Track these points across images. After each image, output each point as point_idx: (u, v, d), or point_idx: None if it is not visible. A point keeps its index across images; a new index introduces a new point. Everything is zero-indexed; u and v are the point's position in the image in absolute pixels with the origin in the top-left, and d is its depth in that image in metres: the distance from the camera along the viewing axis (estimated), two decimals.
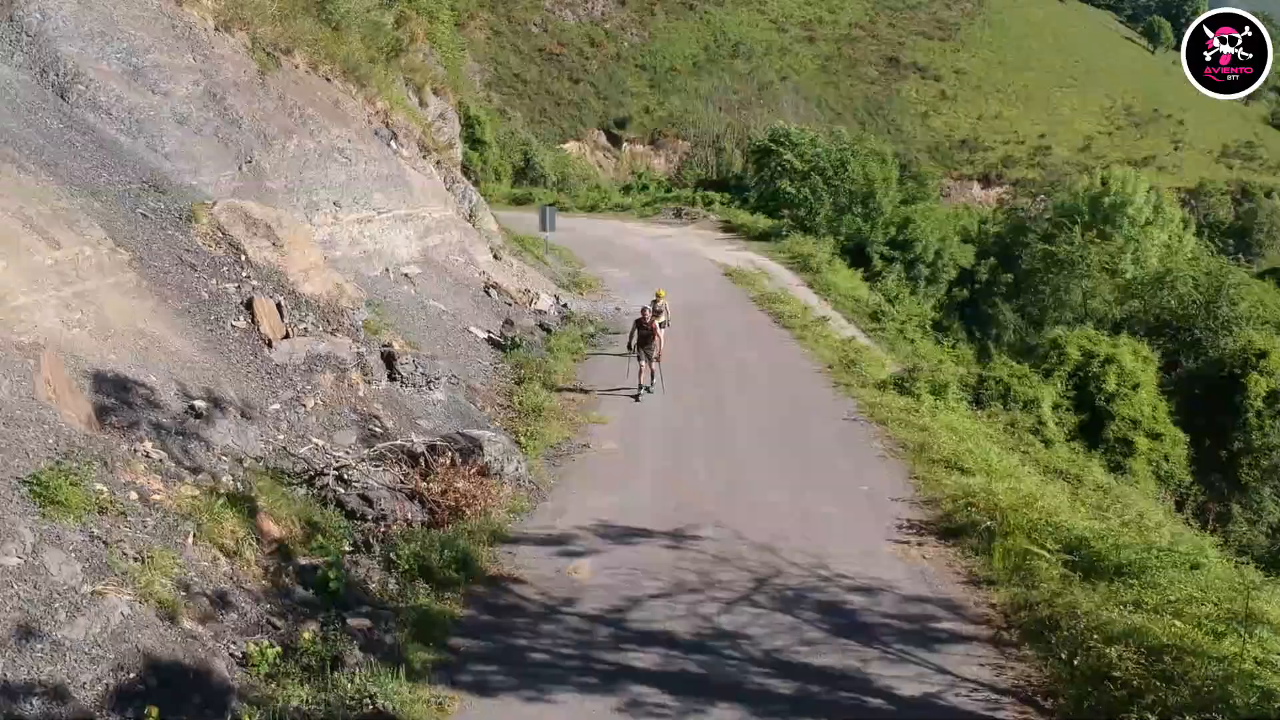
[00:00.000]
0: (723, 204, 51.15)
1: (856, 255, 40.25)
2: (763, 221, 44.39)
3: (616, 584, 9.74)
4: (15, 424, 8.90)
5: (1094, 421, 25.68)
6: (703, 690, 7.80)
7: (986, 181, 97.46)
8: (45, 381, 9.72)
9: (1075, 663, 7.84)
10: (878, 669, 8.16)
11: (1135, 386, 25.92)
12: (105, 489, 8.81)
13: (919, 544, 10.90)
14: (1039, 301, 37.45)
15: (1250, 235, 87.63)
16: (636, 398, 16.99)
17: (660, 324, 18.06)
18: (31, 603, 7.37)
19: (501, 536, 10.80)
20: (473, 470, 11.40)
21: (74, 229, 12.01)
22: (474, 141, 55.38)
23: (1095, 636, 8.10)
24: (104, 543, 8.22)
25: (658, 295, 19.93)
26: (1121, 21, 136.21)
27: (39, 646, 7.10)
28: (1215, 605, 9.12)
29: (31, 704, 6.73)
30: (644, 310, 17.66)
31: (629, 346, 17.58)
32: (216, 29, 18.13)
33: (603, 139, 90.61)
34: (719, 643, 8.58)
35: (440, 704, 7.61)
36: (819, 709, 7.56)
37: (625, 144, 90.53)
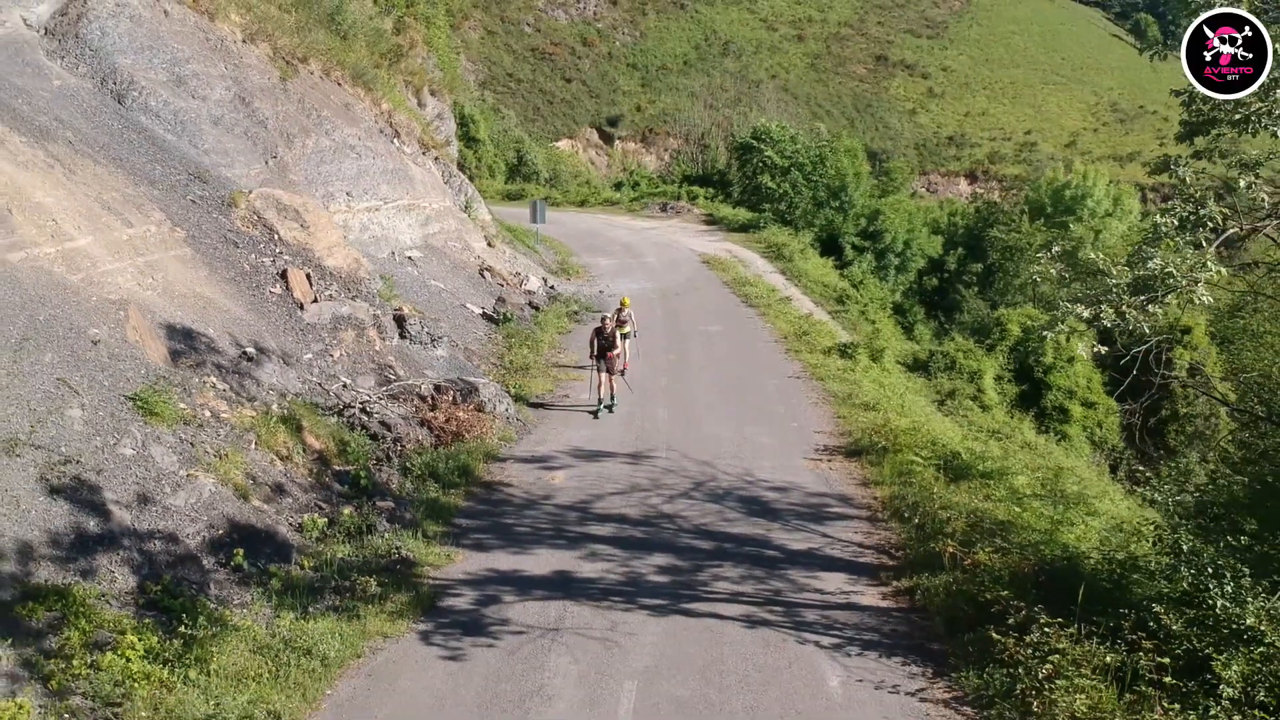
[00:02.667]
0: (707, 198, 53.53)
1: (830, 245, 42.85)
2: (743, 215, 46.84)
3: (584, 486, 12.40)
4: (116, 358, 11.49)
5: (1033, 391, 28.40)
6: (644, 547, 10.48)
7: (973, 177, 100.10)
8: (132, 329, 12.32)
9: (921, 525, 10.47)
10: (778, 535, 10.84)
11: (1070, 360, 28.61)
12: (186, 407, 11.43)
13: (829, 460, 13.56)
14: (998, 286, 40.16)
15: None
16: (595, 414, 15.78)
17: (624, 335, 17.28)
18: (145, 480, 9.99)
19: (494, 456, 13.44)
20: (470, 406, 14.03)
21: (140, 211, 14.59)
22: (469, 139, 57.78)
23: (942, 511, 10.74)
24: (190, 443, 10.84)
25: (622, 304, 18.96)
26: (1109, 19, 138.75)
27: (154, 509, 9.73)
28: (1055, 500, 11.82)
29: (155, 544, 9.36)
30: (604, 319, 16.56)
31: (590, 357, 16.26)
32: (244, 41, 20.69)
33: (595, 137, 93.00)
34: (660, 520, 11.25)
35: (449, 555, 10.27)
36: (728, 556, 10.24)
37: (617, 141, 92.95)
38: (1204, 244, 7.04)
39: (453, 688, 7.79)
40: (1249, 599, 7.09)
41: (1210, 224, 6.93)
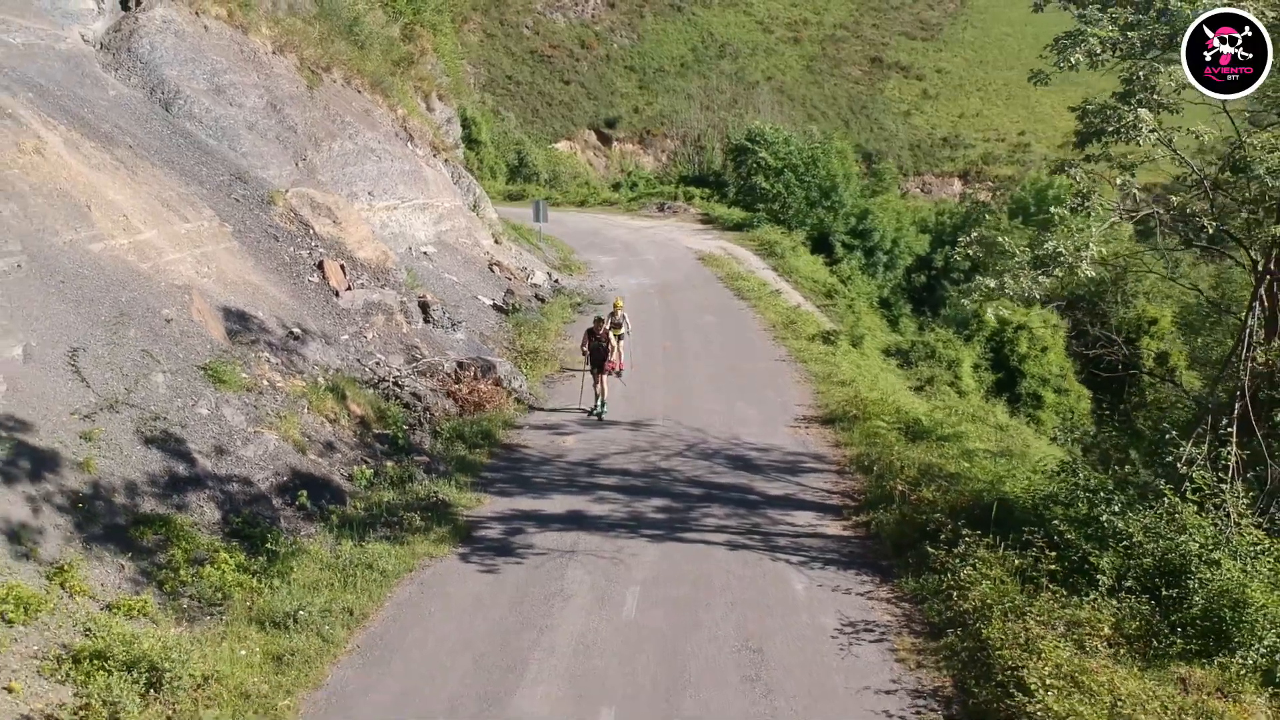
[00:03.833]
0: (703, 198, 55.20)
1: (822, 243, 44.64)
2: (738, 214, 48.58)
3: (592, 448, 14.21)
4: (186, 335, 13.27)
5: (1009, 379, 30.22)
6: (644, 493, 12.30)
7: (966, 178, 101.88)
8: (196, 310, 14.10)
9: (880, 474, 12.27)
10: (759, 484, 12.65)
11: (1044, 350, 30.45)
12: (247, 376, 13.21)
13: (807, 428, 15.38)
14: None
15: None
16: (601, 416, 15.78)
17: (619, 336, 17.22)
18: (220, 435, 11.77)
19: (511, 424, 15.23)
20: (490, 381, 15.81)
21: (193, 208, 16.37)
22: (471, 141, 59.49)
23: (898, 462, 12.53)
24: (254, 406, 12.62)
25: (615, 305, 18.63)
26: None
27: (229, 458, 11.50)
28: (1000, 455, 13.60)
29: (232, 486, 11.14)
30: (597, 322, 16.30)
31: (586, 363, 16.18)
32: (274, 52, 22.45)
33: (593, 138, 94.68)
34: (657, 473, 13.07)
35: (478, 499, 12.09)
36: (716, 499, 12.05)
37: (615, 143, 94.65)
38: (1092, 229, 8.83)
39: (490, 591, 9.59)
40: (1129, 514, 8.89)
41: (1094, 213, 8.71)
